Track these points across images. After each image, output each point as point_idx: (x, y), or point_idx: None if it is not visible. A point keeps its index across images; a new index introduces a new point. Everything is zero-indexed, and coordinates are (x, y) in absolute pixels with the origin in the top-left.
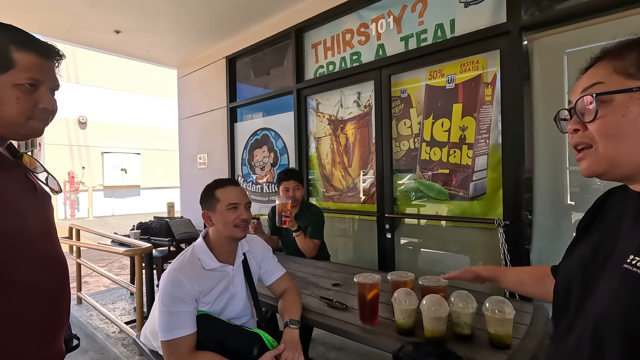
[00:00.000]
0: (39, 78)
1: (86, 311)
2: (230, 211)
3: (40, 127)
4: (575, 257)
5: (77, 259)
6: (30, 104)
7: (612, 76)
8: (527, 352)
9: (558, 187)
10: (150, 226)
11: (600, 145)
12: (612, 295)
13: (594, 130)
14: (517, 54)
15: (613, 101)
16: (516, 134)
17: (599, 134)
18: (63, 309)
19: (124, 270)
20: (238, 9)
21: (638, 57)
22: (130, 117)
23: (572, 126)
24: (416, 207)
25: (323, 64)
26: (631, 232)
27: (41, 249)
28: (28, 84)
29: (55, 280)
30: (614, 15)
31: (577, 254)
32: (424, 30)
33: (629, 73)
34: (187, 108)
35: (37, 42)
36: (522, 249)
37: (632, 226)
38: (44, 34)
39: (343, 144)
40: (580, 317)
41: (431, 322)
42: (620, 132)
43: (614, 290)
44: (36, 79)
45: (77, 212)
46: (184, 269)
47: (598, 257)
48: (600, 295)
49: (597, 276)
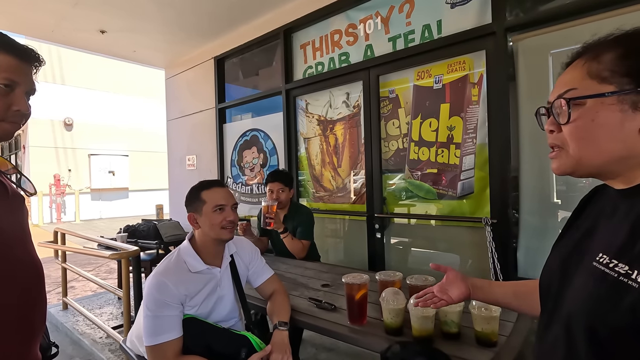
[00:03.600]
0: (15, 80)
1: (72, 317)
2: (216, 213)
3: (12, 130)
4: (556, 255)
5: (63, 263)
6: (4, 106)
7: (585, 80)
8: (513, 349)
9: (544, 186)
10: (138, 229)
11: (570, 147)
12: (580, 291)
13: (566, 133)
14: (502, 55)
15: (584, 105)
16: (502, 134)
17: (570, 137)
18: (37, 315)
19: (111, 274)
20: (226, 9)
21: (614, 58)
22: (118, 119)
23: (548, 127)
24: (405, 206)
25: (312, 64)
26: (605, 229)
27: (14, 254)
28: (3, 85)
29: (29, 286)
30: (597, 16)
31: (558, 252)
32: (411, 30)
33: (602, 77)
34: (176, 109)
35: (15, 45)
36: (510, 247)
37: (607, 223)
38: (27, 34)
39: (332, 144)
40: (557, 312)
41: (419, 321)
42: (589, 136)
43: (583, 287)
44: (12, 80)
45: (64, 216)
46: (170, 272)
47: (576, 254)
48: (574, 291)
49: (573, 273)
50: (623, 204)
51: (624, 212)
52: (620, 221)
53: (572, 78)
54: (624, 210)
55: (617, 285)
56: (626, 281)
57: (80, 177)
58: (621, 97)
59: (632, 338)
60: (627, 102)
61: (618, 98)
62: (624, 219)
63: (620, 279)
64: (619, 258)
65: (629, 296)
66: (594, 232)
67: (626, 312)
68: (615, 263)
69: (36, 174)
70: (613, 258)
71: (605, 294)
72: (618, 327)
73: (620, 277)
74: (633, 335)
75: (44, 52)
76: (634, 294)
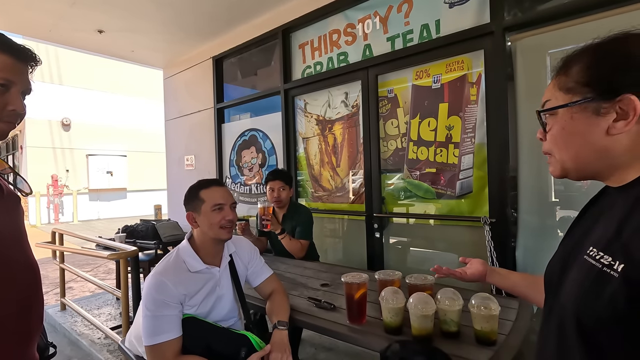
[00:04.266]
0: (11, 79)
1: (70, 317)
2: (215, 212)
3: (6, 129)
4: (559, 251)
5: (61, 264)
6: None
7: (557, 92)
8: (512, 348)
9: (542, 185)
10: (136, 229)
11: (554, 152)
12: (572, 284)
13: (548, 139)
14: (501, 54)
15: (557, 115)
16: (501, 133)
17: (551, 144)
18: (34, 316)
19: (110, 274)
20: (224, 9)
21: (580, 69)
22: (116, 119)
23: (538, 135)
24: (404, 206)
25: (310, 64)
26: (600, 225)
27: (9, 255)
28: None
29: (25, 287)
30: (595, 16)
31: (561, 248)
32: (409, 30)
33: (568, 88)
34: (174, 109)
35: (12, 44)
36: (508, 246)
37: (603, 220)
38: (24, 34)
39: (331, 144)
40: (555, 306)
41: (418, 320)
42: (563, 142)
43: (575, 280)
44: (8, 80)
45: (62, 216)
46: (169, 272)
47: (575, 250)
48: (568, 284)
49: (570, 267)
50: (618, 200)
51: (616, 208)
52: (612, 216)
53: (548, 90)
54: (617, 206)
55: (600, 276)
56: (608, 271)
57: (78, 178)
58: (584, 106)
59: (614, 328)
60: (589, 109)
61: (581, 107)
62: (615, 214)
63: (604, 270)
64: (605, 250)
65: (609, 286)
66: (593, 229)
67: (607, 301)
68: (602, 255)
69: (34, 174)
70: (600, 250)
71: (591, 285)
72: (601, 317)
73: (604, 268)
74: (615, 326)
75: (42, 52)
76: (614, 283)
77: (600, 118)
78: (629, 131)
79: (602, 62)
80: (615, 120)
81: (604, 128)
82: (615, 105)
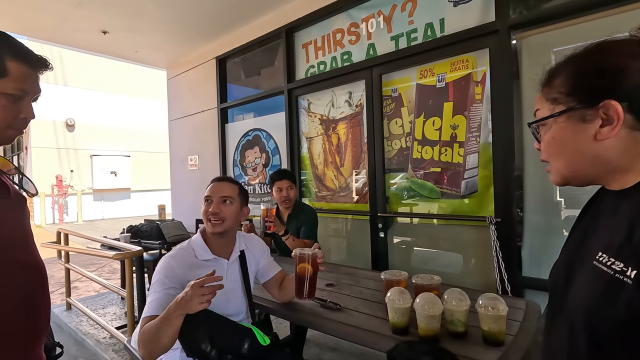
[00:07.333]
0: (26, 89)
1: (76, 317)
2: (205, 205)
3: (15, 135)
4: (563, 254)
5: (66, 263)
6: (13, 114)
7: (544, 103)
8: (520, 348)
9: (548, 185)
10: (141, 229)
11: (550, 161)
12: (581, 290)
13: (542, 149)
14: (506, 53)
15: (546, 125)
16: (506, 132)
17: (545, 153)
18: (42, 316)
19: (114, 274)
20: (227, 9)
21: (562, 80)
22: (120, 119)
23: (535, 146)
24: (408, 206)
25: (314, 63)
26: (604, 229)
27: (16, 255)
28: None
29: (32, 287)
30: (600, 14)
31: (565, 251)
32: (414, 29)
33: (553, 99)
34: (177, 109)
35: (31, 55)
36: (514, 246)
37: (606, 223)
38: (29, 35)
39: (335, 143)
40: (561, 310)
41: (425, 320)
42: (554, 151)
43: (584, 285)
44: (24, 90)
45: (66, 216)
46: (177, 256)
47: (579, 253)
48: (575, 289)
49: (576, 272)
50: (622, 204)
51: (622, 212)
52: (619, 221)
53: (537, 101)
54: (623, 210)
55: (613, 283)
56: (622, 278)
57: (82, 178)
58: (569, 114)
59: (629, 334)
60: (575, 117)
61: (567, 116)
62: (623, 219)
63: (617, 276)
64: (616, 256)
65: (624, 292)
66: (595, 232)
67: (622, 308)
68: (613, 261)
69: (38, 175)
70: (611, 257)
71: (603, 292)
72: (615, 323)
73: (616, 275)
74: (629, 332)
75: (46, 53)
76: (629, 290)
77: (587, 125)
78: (619, 136)
79: (582, 71)
80: (601, 126)
81: (591, 134)
82: (599, 111)
